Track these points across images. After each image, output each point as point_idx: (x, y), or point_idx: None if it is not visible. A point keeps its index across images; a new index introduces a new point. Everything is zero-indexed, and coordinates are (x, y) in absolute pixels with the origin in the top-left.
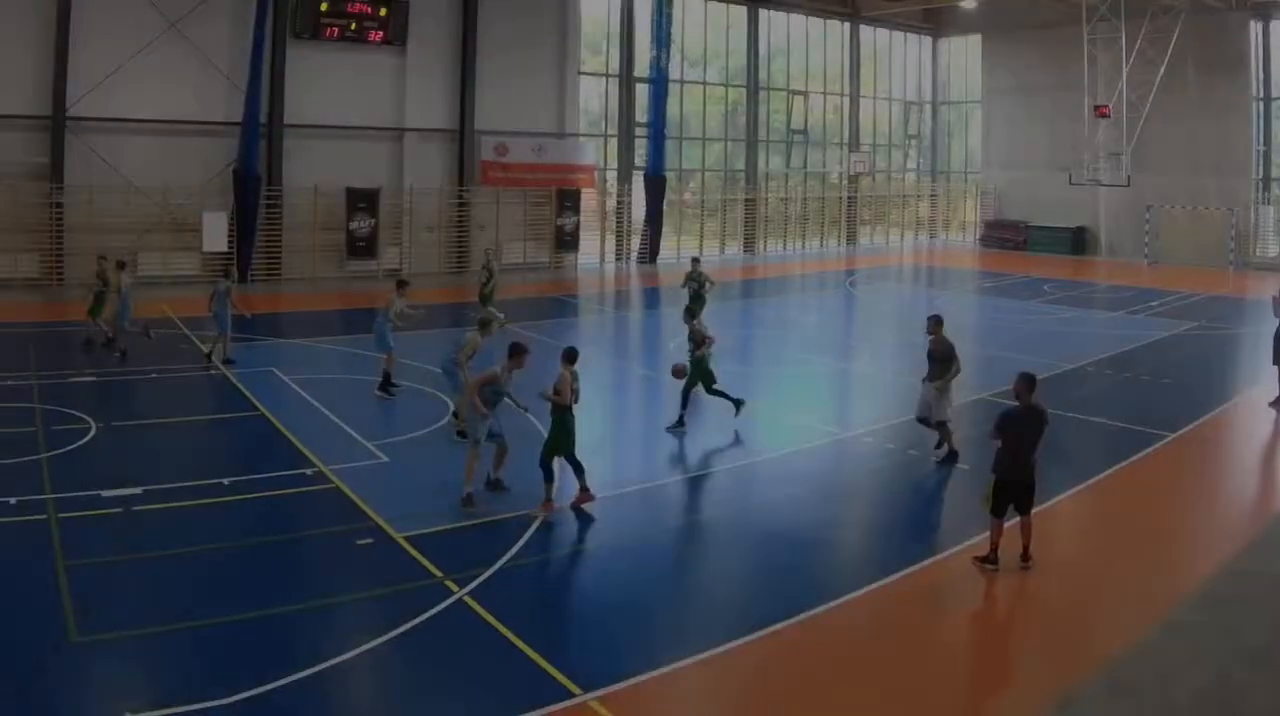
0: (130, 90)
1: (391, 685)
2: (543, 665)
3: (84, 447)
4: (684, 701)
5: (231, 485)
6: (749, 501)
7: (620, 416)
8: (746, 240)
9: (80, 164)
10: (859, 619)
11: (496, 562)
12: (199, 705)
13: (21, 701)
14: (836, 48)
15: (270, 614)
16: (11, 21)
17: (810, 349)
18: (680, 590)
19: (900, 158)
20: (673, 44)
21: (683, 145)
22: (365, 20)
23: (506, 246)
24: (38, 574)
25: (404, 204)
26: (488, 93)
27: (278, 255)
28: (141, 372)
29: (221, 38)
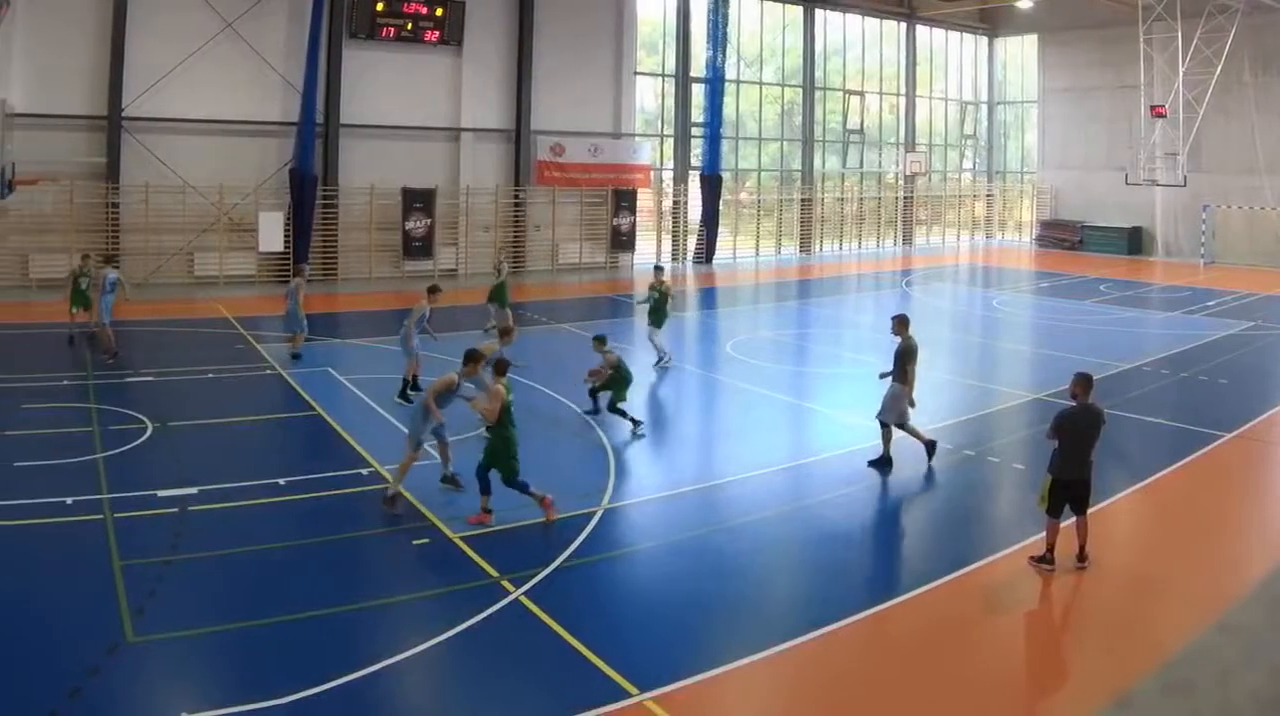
0: (186, 90)
1: (447, 685)
2: (599, 665)
3: (140, 447)
4: (740, 701)
5: (287, 485)
6: (804, 501)
7: (675, 417)
8: (802, 240)
9: (136, 164)
10: (915, 618)
11: (552, 563)
12: (255, 705)
13: (77, 702)
14: (893, 47)
15: (326, 614)
16: (68, 22)
17: (865, 349)
18: (736, 590)
19: (956, 158)
20: (729, 43)
21: (739, 145)
22: (421, 20)
23: (562, 246)
24: (94, 574)
25: (460, 204)
26: (543, 93)
27: (333, 255)
28: (198, 373)
29: (277, 38)
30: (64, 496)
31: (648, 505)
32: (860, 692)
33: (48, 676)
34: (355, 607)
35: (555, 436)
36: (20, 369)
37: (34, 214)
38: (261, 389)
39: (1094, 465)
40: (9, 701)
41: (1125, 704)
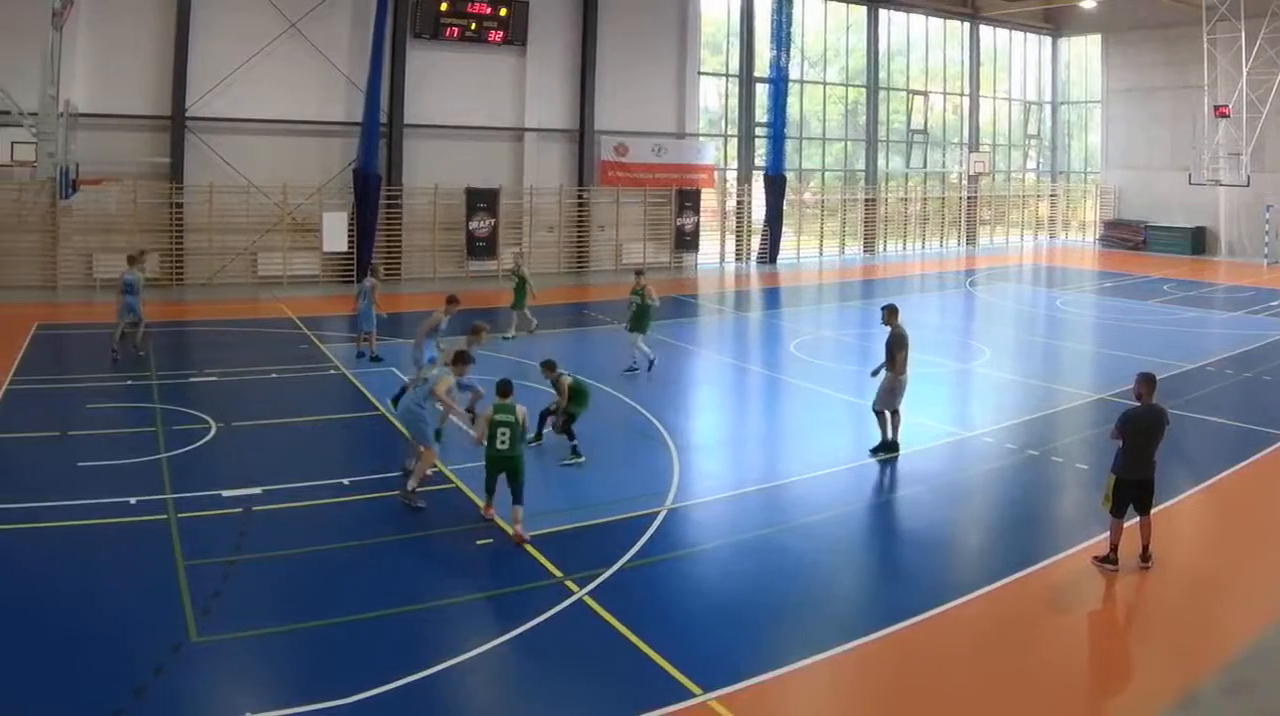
0: (250, 90)
1: (511, 685)
2: (663, 665)
3: (204, 447)
4: (805, 701)
5: (351, 485)
6: (869, 501)
7: (738, 417)
8: (866, 240)
9: (200, 164)
10: (979, 618)
11: (616, 563)
12: (319, 705)
13: (142, 701)
14: (956, 47)
15: (390, 614)
16: (132, 22)
17: (930, 350)
18: (801, 589)
19: (1020, 158)
20: (792, 44)
21: (803, 145)
22: (485, 20)
23: (626, 246)
24: (158, 574)
25: (523, 204)
26: (607, 93)
27: (398, 255)
28: (262, 373)
29: (341, 37)
30: (128, 496)
31: (711, 505)
32: (924, 693)
33: (113, 675)
34: (419, 608)
35: (620, 437)
36: (85, 369)
37: (98, 214)
38: (325, 389)
39: (1158, 465)
40: (75, 700)
41: (1189, 703)
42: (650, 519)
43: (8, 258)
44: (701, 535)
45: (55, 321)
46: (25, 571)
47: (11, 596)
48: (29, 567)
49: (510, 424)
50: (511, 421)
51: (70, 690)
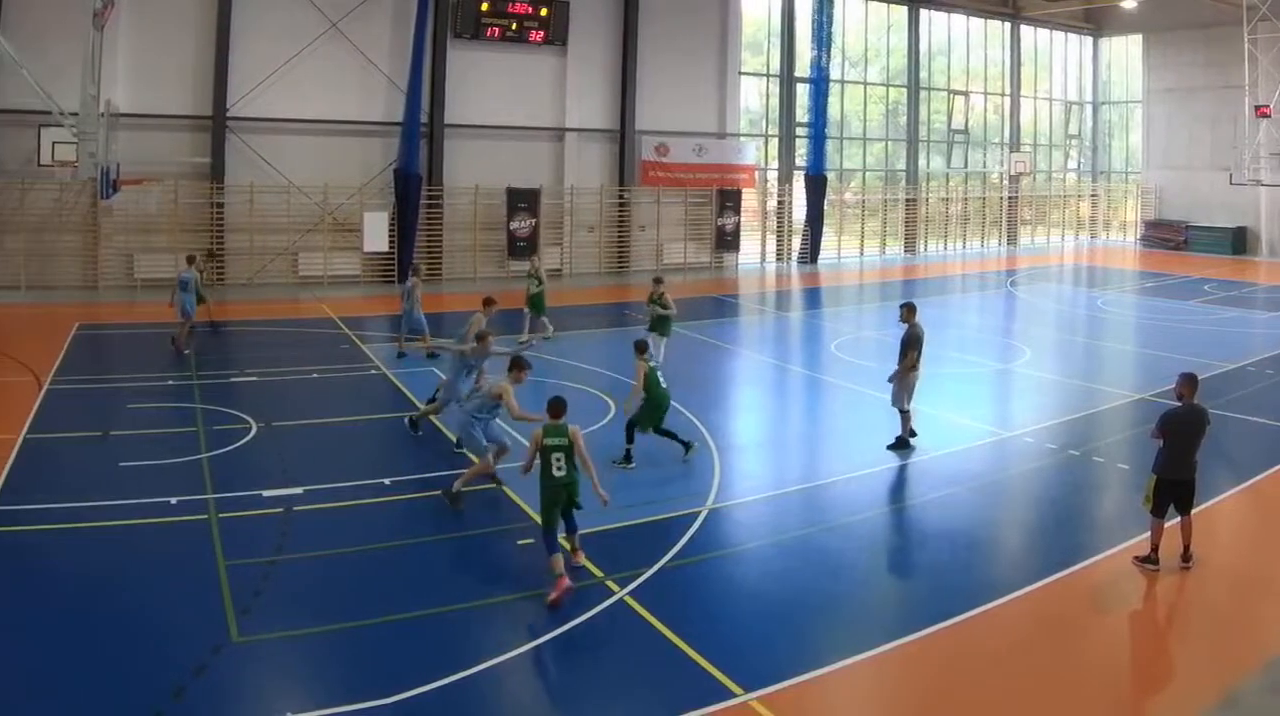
0: (290, 90)
1: (552, 685)
2: (704, 665)
3: (245, 447)
4: (846, 701)
5: (392, 485)
6: (910, 501)
7: (779, 417)
8: (907, 240)
9: (240, 164)
10: (1020, 618)
11: (657, 563)
12: (360, 705)
13: (182, 701)
14: (997, 47)
15: (431, 614)
16: (173, 22)
17: (971, 349)
18: (841, 590)
19: (1061, 158)
20: (833, 43)
21: (843, 145)
22: (526, 20)
23: (667, 246)
24: (199, 573)
25: (564, 204)
26: (648, 93)
27: (438, 255)
28: (303, 372)
29: (382, 38)
30: (169, 496)
31: (752, 505)
32: (965, 693)
33: (153, 675)
34: (460, 607)
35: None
36: (126, 369)
37: (139, 214)
38: (366, 389)
39: (1198, 465)
40: (116, 700)
41: (1231, 702)
42: (691, 519)
43: (49, 257)
44: (742, 535)
45: (96, 321)
46: (67, 571)
47: (54, 596)
48: (71, 568)
49: (564, 448)
50: (565, 445)
51: (111, 690)
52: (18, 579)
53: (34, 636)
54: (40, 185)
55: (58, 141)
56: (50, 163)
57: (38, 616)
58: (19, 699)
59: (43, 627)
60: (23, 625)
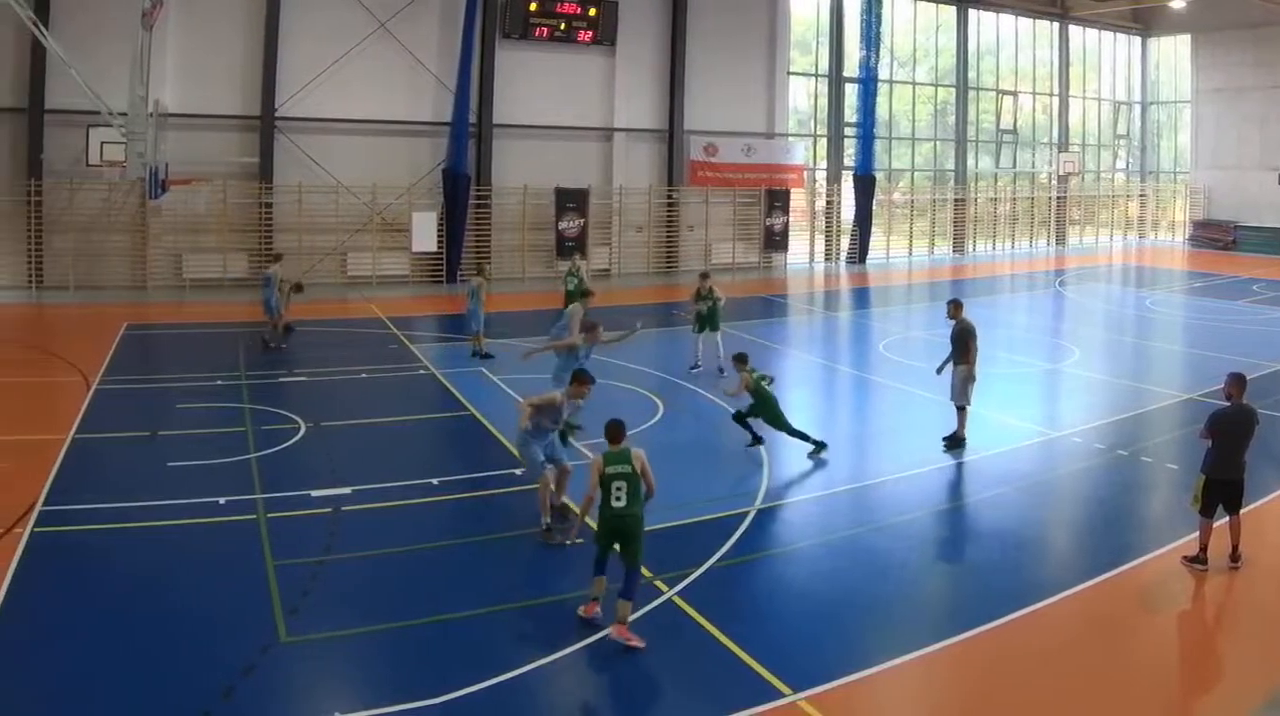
0: (339, 90)
1: (600, 685)
2: (752, 665)
3: (293, 447)
4: (895, 701)
5: (441, 485)
6: (958, 501)
7: (828, 416)
8: (955, 240)
9: (289, 164)
10: (1068, 618)
11: (706, 562)
12: (408, 705)
13: (231, 701)
14: (1046, 47)
15: (480, 614)
16: (221, 22)
17: (1019, 350)
18: (890, 590)
19: (1109, 158)
20: (882, 43)
21: (892, 145)
22: (575, 20)
23: (715, 246)
24: (248, 574)
25: (613, 204)
26: (696, 92)
27: (487, 255)
28: (351, 373)
29: (431, 37)
30: (218, 496)
31: (801, 505)
32: (1014, 692)
33: (202, 675)
34: (509, 607)
35: (709, 437)
36: (174, 369)
37: (187, 214)
38: (415, 389)
39: (1247, 465)
40: (166, 700)
41: (1278, 703)
42: (740, 518)
43: (98, 257)
44: (791, 534)
45: (145, 321)
46: (116, 571)
47: (103, 596)
48: (120, 568)
49: (627, 476)
50: (628, 472)
51: (161, 690)
52: (67, 579)
53: (84, 636)
54: (89, 185)
55: (106, 141)
56: (99, 163)
57: (87, 616)
58: (70, 698)
59: (93, 627)
60: (73, 625)
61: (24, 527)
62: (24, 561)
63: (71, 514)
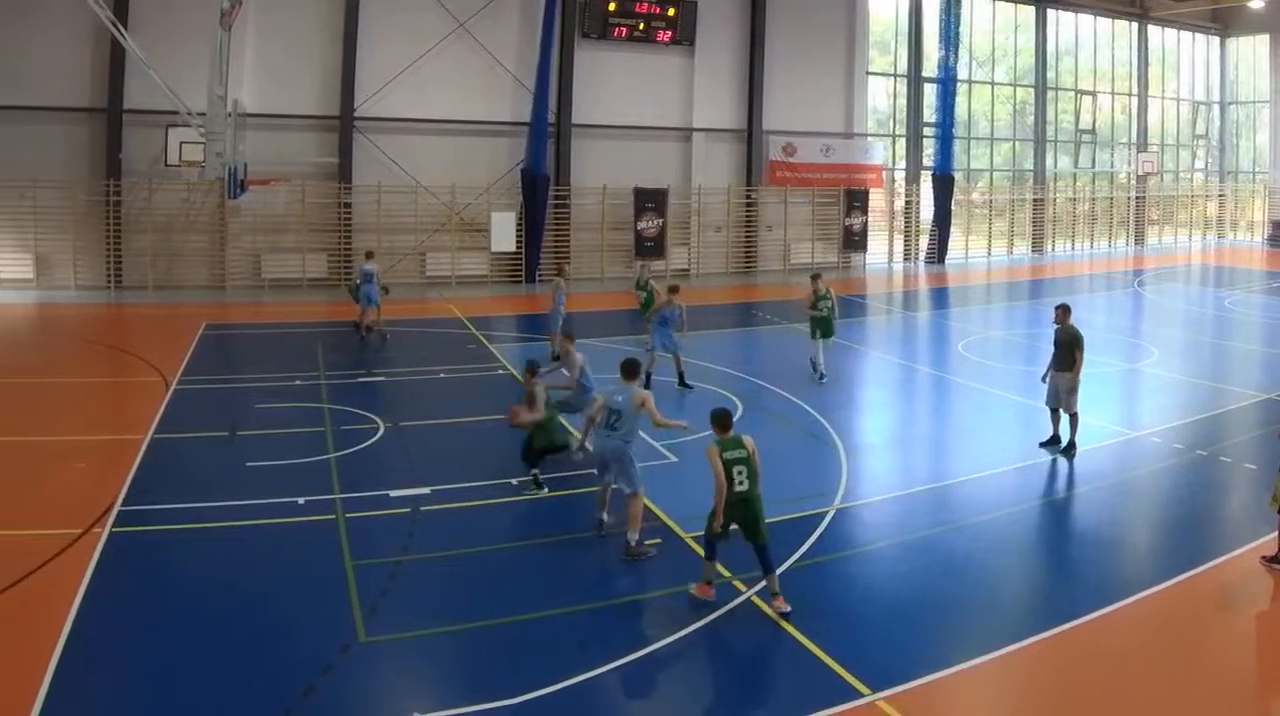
0: (418, 90)
1: (679, 684)
2: (831, 665)
3: (372, 447)
4: (973, 702)
5: (520, 485)
6: (1037, 501)
7: (906, 416)
8: (1034, 240)
9: (368, 164)
10: (1147, 618)
11: (784, 563)
12: (486, 705)
13: (311, 700)
14: (1124, 47)
15: (558, 614)
16: (301, 22)
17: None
18: (968, 590)
19: (1188, 158)
20: (960, 43)
21: (971, 145)
22: (654, 20)
23: (794, 246)
24: (326, 574)
25: (692, 204)
26: (775, 92)
27: (566, 255)
28: (430, 372)
29: (509, 38)
30: (297, 496)
31: (880, 505)
32: (1091, 693)
33: (283, 674)
34: (587, 608)
35: (788, 436)
36: (254, 369)
37: (266, 214)
38: (493, 389)
39: None
40: (246, 699)
41: None
42: (819, 519)
43: (176, 257)
44: (870, 535)
45: (223, 321)
46: (196, 571)
47: (183, 596)
48: (200, 568)
49: (744, 460)
50: (744, 456)
51: (242, 689)
52: (146, 579)
53: (163, 636)
54: (168, 185)
55: (185, 141)
56: (178, 163)
57: (166, 616)
58: (150, 697)
59: (172, 627)
60: (152, 625)
61: (103, 527)
62: (103, 561)
63: (150, 514)
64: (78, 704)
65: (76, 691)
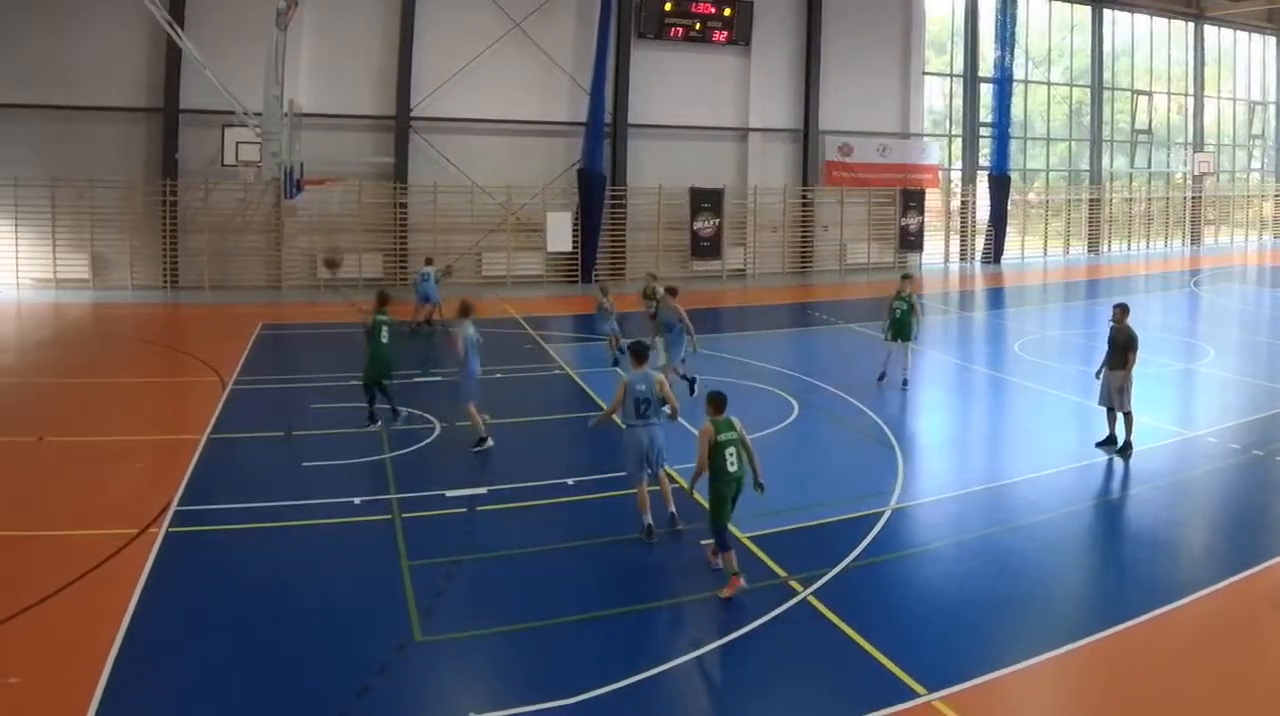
0: (473, 91)
1: (736, 685)
2: (887, 665)
3: (428, 447)
4: (1030, 702)
5: (576, 485)
6: (1093, 501)
7: (962, 416)
8: (1090, 240)
9: (423, 164)
10: (1203, 618)
11: (840, 562)
12: (542, 705)
13: (366, 700)
14: (1180, 47)
15: (614, 613)
16: (356, 23)
17: (1154, 349)
18: (1025, 589)
19: (1244, 158)
20: (1016, 43)
21: (1027, 145)
22: (709, 20)
23: (850, 246)
24: (382, 573)
25: (748, 204)
26: (831, 92)
27: (621, 255)
28: (486, 373)
29: (565, 38)
30: (353, 496)
31: (936, 505)
32: (1147, 693)
33: (337, 674)
34: (643, 607)
35: (844, 436)
36: (310, 368)
37: (322, 214)
38: (550, 389)
39: None
40: (300, 699)
41: None
42: (874, 519)
43: (232, 257)
44: (926, 535)
45: (279, 321)
46: (250, 571)
47: (237, 595)
48: (254, 567)
49: (735, 442)
50: (736, 438)
51: (296, 688)
52: (202, 578)
53: (219, 635)
54: (223, 185)
55: (241, 141)
56: (234, 162)
57: (222, 615)
58: (205, 696)
59: (227, 626)
60: (208, 624)
61: (159, 527)
62: (159, 560)
63: (206, 513)
64: (134, 701)
65: (133, 688)
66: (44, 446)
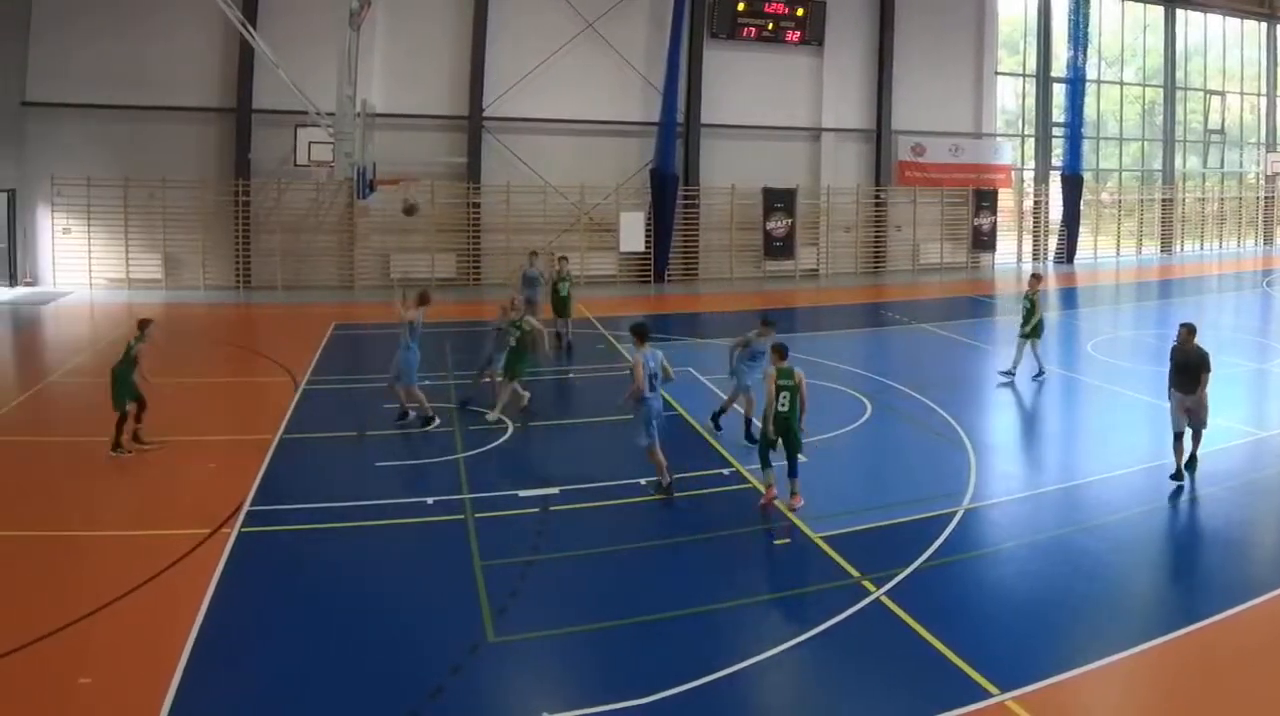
0: (546, 91)
1: (809, 685)
2: (960, 665)
3: (501, 448)
4: (1102, 702)
5: (648, 484)
6: (1166, 501)
7: (1036, 416)
8: (1163, 240)
9: (496, 164)
10: (1275, 618)
11: (913, 562)
12: (616, 705)
13: (439, 700)
14: (1254, 47)
15: (687, 614)
16: (429, 23)
17: (1227, 349)
18: (1098, 589)
19: None
20: (1089, 43)
21: (1100, 145)
22: (782, 20)
23: (923, 246)
24: (455, 574)
25: (820, 204)
26: (904, 92)
27: (694, 255)
28: (559, 373)
29: (638, 38)
30: (425, 496)
31: (1009, 505)
32: (1219, 693)
33: (410, 674)
34: (715, 608)
35: (916, 436)
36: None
37: (395, 214)
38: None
39: None
40: (373, 699)
41: None
42: (947, 519)
43: (306, 258)
44: (998, 535)
45: (352, 321)
46: (323, 571)
47: (310, 595)
48: (327, 567)
49: (790, 388)
50: (792, 386)
51: (369, 689)
52: (275, 578)
53: (292, 635)
54: (296, 185)
55: (314, 141)
56: (306, 162)
57: (295, 615)
58: (277, 696)
59: (300, 626)
60: (280, 624)
61: (232, 527)
62: (232, 560)
63: (279, 513)
64: (206, 701)
65: (205, 688)
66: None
